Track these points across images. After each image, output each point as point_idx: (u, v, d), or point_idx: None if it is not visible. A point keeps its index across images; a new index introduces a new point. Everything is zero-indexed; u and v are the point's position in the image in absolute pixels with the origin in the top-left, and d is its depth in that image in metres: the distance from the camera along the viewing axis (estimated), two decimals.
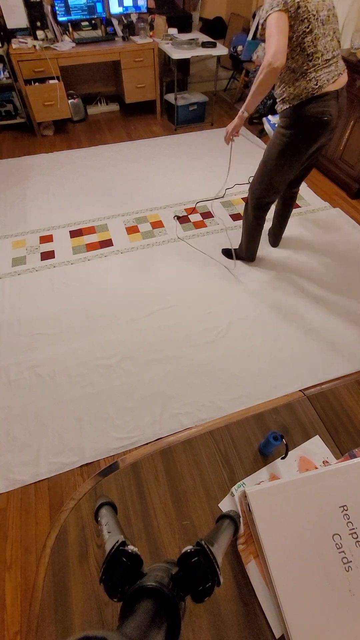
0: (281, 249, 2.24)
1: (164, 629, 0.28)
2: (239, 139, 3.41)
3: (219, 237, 2.33)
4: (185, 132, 3.55)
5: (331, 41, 1.40)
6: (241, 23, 3.68)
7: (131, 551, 0.35)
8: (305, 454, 0.63)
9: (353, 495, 0.53)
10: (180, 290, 1.98)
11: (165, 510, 0.57)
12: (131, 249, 2.26)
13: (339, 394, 0.71)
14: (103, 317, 1.85)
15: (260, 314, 1.85)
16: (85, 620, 0.48)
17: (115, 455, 1.37)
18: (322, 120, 1.47)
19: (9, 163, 3.08)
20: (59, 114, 3.31)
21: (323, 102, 1.44)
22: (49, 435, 1.42)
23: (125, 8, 3.25)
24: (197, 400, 1.52)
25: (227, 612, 0.49)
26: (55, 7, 3.00)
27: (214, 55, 3.22)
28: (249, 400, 1.51)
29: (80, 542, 0.55)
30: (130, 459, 0.63)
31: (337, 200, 2.64)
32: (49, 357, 1.66)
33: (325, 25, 1.36)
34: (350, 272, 2.08)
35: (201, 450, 0.64)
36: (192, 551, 0.35)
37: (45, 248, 2.26)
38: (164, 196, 2.69)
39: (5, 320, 1.83)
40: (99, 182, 2.84)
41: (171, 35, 3.30)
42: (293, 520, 0.51)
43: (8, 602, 1.08)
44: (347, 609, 0.46)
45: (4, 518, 1.23)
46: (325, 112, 1.45)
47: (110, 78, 3.85)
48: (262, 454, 0.63)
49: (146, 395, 1.54)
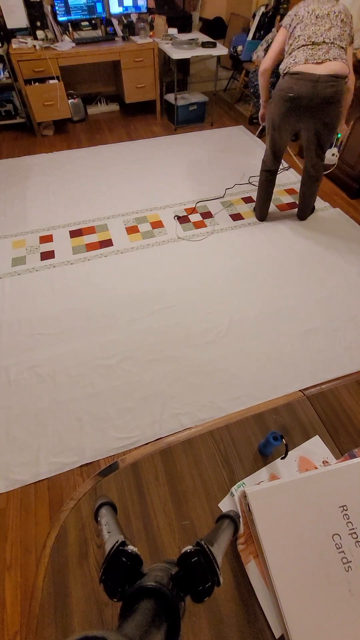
0: (280, 249, 2.24)
1: (164, 629, 0.28)
2: (239, 139, 3.41)
3: (219, 237, 2.33)
4: (185, 132, 3.55)
5: (328, 30, 1.55)
6: (241, 23, 3.68)
7: (131, 551, 0.35)
8: (305, 454, 0.63)
9: (353, 495, 0.53)
10: (180, 290, 1.98)
11: (165, 510, 0.57)
12: (131, 249, 2.26)
13: (339, 394, 0.71)
14: (103, 317, 1.85)
15: (260, 314, 1.85)
16: (85, 621, 0.48)
17: (115, 455, 1.37)
18: (287, 95, 1.65)
19: (9, 163, 3.08)
20: (59, 114, 3.31)
21: (293, 80, 1.61)
22: (49, 435, 1.42)
23: (125, 8, 3.26)
24: (197, 400, 1.52)
25: (227, 612, 0.49)
26: (55, 7, 3.00)
27: (214, 55, 3.22)
28: (249, 400, 1.51)
29: (80, 542, 0.55)
30: (130, 459, 0.63)
31: (337, 200, 2.64)
32: (49, 357, 1.66)
33: (320, 19, 1.55)
34: (350, 272, 2.08)
35: (201, 450, 0.64)
36: (191, 551, 0.35)
37: (45, 248, 2.26)
38: (164, 196, 2.69)
39: (5, 320, 1.83)
40: (99, 182, 2.85)
41: (171, 35, 3.30)
42: (293, 520, 0.51)
43: (8, 602, 1.08)
44: (347, 609, 0.46)
45: (3, 518, 1.23)
46: (293, 89, 1.62)
47: (110, 78, 3.85)
48: (262, 454, 0.63)
49: (146, 395, 1.54)
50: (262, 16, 3.30)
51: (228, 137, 3.45)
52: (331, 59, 1.53)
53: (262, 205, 2.37)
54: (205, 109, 3.64)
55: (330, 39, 1.52)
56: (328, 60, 1.53)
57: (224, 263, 2.15)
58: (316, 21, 1.53)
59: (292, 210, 2.55)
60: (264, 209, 2.39)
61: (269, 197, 2.32)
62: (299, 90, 1.58)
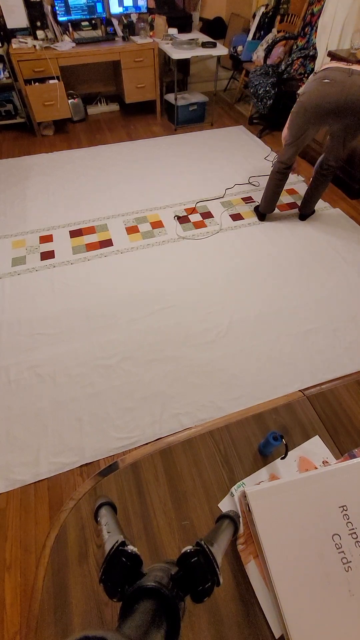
0: (280, 249, 2.24)
1: (164, 629, 0.28)
2: (239, 139, 3.41)
3: (219, 237, 2.33)
4: (185, 132, 3.55)
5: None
6: (241, 23, 3.68)
7: (131, 551, 0.35)
8: (305, 454, 0.63)
9: (353, 495, 0.53)
10: (180, 290, 1.98)
11: (165, 510, 0.57)
12: (131, 249, 2.26)
13: (339, 394, 0.71)
14: (103, 317, 1.85)
15: (260, 314, 1.85)
16: (85, 620, 0.48)
17: (115, 455, 1.37)
18: (323, 81, 1.67)
19: (9, 163, 3.08)
20: (59, 114, 3.31)
21: (327, 72, 1.65)
22: (49, 435, 1.42)
23: (125, 8, 3.26)
24: (197, 400, 1.52)
25: (227, 612, 0.49)
26: (55, 7, 3.00)
27: (214, 55, 3.22)
28: (249, 400, 1.51)
29: (80, 542, 0.55)
30: (130, 459, 0.63)
31: (337, 201, 2.64)
32: (49, 357, 1.66)
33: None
34: (350, 272, 2.08)
35: (201, 450, 0.64)
36: (191, 551, 0.35)
37: (45, 248, 2.26)
38: (164, 196, 2.69)
39: (5, 320, 1.83)
40: (99, 182, 2.84)
41: (171, 35, 3.30)
42: (293, 520, 0.51)
43: (7, 602, 1.08)
44: (347, 609, 0.46)
45: (3, 518, 1.23)
46: (328, 76, 1.65)
47: (110, 78, 3.85)
48: (262, 454, 0.63)
49: (146, 395, 1.54)
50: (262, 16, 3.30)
51: (228, 137, 3.45)
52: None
53: (271, 199, 2.32)
54: (205, 109, 3.64)
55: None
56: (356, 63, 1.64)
57: (224, 263, 2.15)
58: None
59: (292, 210, 2.55)
60: (273, 203, 2.35)
61: (279, 191, 2.26)
62: (335, 77, 1.63)
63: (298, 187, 2.78)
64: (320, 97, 1.68)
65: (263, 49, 3.25)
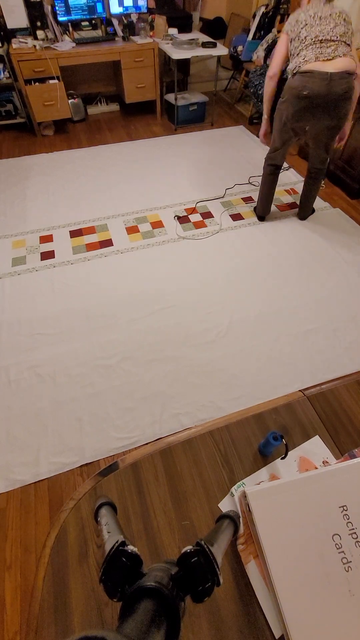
0: (280, 249, 2.24)
1: (164, 629, 0.28)
2: (239, 139, 3.41)
3: (219, 237, 2.33)
4: (185, 132, 3.56)
5: (334, 28, 1.58)
6: (241, 23, 3.68)
7: (131, 551, 0.35)
8: (305, 454, 0.63)
9: (353, 495, 0.53)
10: (180, 290, 1.98)
11: (165, 510, 0.57)
12: (131, 249, 2.26)
13: (339, 394, 0.71)
14: (103, 317, 1.85)
15: (260, 314, 1.85)
16: (85, 620, 0.48)
17: (115, 455, 1.37)
18: (301, 94, 1.66)
19: (9, 163, 3.08)
20: (59, 114, 3.31)
21: (306, 78, 1.62)
22: (49, 435, 1.42)
23: (125, 8, 3.26)
24: (197, 400, 1.52)
25: (227, 612, 0.49)
26: (56, 7, 3.00)
27: (214, 55, 3.22)
28: (249, 400, 1.51)
29: (80, 542, 0.55)
30: (130, 459, 0.63)
31: (337, 200, 2.64)
32: (49, 357, 1.66)
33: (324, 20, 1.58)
34: (350, 272, 2.08)
35: (201, 450, 0.64)
36: (191, 551, 0.35)
37: (45, 248, 2.26)
38: (164, 196, 2.69)
39: (5, 320, 1.83)
40: (99, 182, 2.85)
41: (171, 35, 3.30)
42: (293, 520, 0.51)
43: (7, 602, 1.08)
44: (347, 609, 0.46)
45: (3, 518, 1.23)
46: (307, 87, 1.63)
47: (110, 78, 3.85)
48: (262, 454, 0.63)
49: (146, 395, 1.54)
50: (262, 16, 3.30)
51: (228, 137, 3.45)
52: (340, 55, 1.57)
53: (265, 202, 2.35)
54: (205, 109, 3.64)
55: (337, 36, 1.56)
56: (338, 57, 1.58)
57: (224, 263, 2.15)
58: (320, 22, 1.57)
59: (292, 210, 2.55)
60: (267, 206, 2.38)
61: (272, 192, 2.30)
62: (313, 88, 1.60)
63: (298, 187, 2.77)
64: (300, 110, 1.72)
65: (263, 49, 3.25)
